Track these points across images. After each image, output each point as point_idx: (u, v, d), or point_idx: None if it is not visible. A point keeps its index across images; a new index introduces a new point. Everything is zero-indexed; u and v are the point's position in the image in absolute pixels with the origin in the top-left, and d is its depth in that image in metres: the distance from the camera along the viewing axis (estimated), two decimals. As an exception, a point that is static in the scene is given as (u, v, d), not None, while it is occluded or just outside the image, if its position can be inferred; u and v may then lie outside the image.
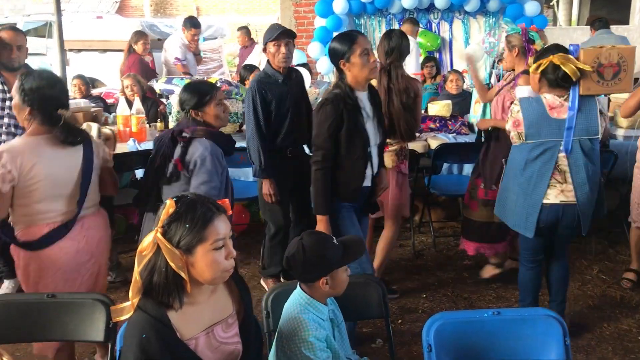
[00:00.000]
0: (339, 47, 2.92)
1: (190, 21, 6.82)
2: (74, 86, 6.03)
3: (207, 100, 2.96)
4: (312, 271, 2.08)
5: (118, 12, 16.73)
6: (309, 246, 2.09)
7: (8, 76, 3.71)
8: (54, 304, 2.12)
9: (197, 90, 3.00)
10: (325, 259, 2.08)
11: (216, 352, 1.80)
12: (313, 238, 2.14)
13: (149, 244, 1.69)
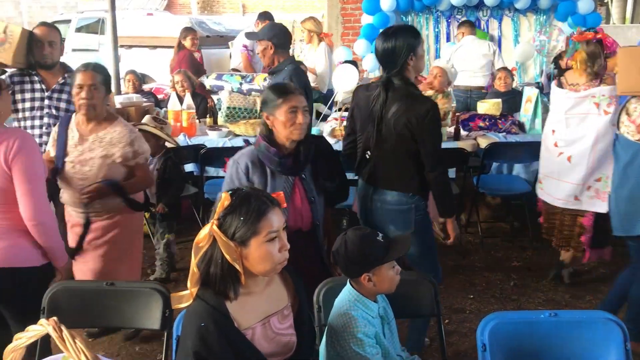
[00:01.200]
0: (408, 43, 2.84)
1: (264, 15, 6.83)
2: (128, 81, 6.17)
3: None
4: (354, 267, 2.09)
5: (166, 9, 17.05)
6: (351, 241, 2.10)
7: (45, 75, 3.67)
8: (113, 292, 2.18)
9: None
10: (365, 255, 2.08)
11: (272, 342, 1.82)
12: (357, 234, 2.14)
13: (205, 235, 1.73)
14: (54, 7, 19.15)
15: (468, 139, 4.71)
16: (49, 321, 1.26)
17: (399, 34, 2.86)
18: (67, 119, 3.10)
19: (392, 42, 2.83)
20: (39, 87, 3.64)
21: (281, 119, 2.55)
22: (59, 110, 3.65)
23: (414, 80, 2.91)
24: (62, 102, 3.68)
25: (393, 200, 2.91)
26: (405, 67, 2.83)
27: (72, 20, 10.59)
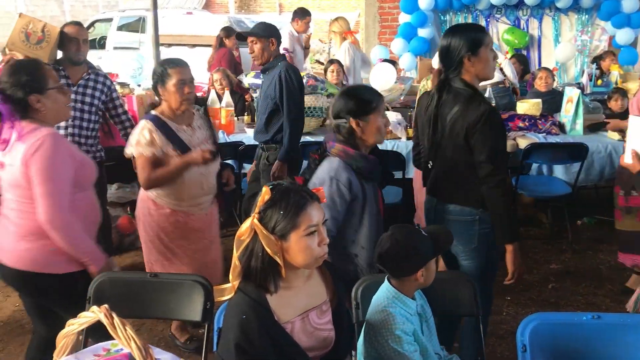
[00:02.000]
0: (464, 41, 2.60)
1: (301, 10, 6.83)
2: None
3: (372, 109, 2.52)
4: (410, 265, 2.08)
5: (204, 8, 17.26)
6: (402, 240, 2.09)
7: (71, 70, 3.83)
8: (157, 283, 2.23)
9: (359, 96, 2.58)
10: (419, 251, 2.08)
11: (311, 337, 1.84)
12: (404, 232, 2.13)
13: (246, 229, 1.76)
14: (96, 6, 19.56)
15: (507, 139, 4.65)
16: (100, 308, 1.30)
17: (458, 31, 2.64)
18: (155, 118, 2.96)
19: (448, 40, 2.62)
20: (65, 82, 3.77)
21: (376, 125, 2.51)
22: (84, 104, 3.83)
23: (474, 82, 2.63)
24: (87, 96, 3.85)
25: (455, 212, 2.69)
26: (462, 66, 2.59)
27: (114, 18, 10.80)
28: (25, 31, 3.78)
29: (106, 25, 11.04)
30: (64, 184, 2.33)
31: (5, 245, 2.38)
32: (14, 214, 2.38)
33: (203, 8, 17.10)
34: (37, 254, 2.35)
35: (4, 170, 2.36)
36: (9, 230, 2.38)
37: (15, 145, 2.32)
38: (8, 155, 2.35)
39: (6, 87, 2.32)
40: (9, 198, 2.39)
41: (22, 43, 3.79)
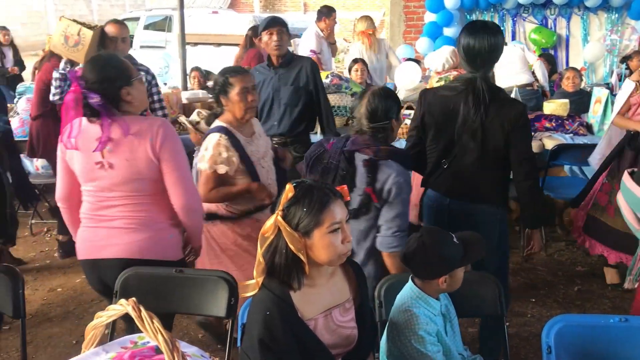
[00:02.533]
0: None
1: (326, 8, 6.72)
2: (193, 78, 6.34)
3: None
4: (433, 270, 2.07)
5: (230, 7, 17.37)
6: (430, 245, 2.07)
7: None
8: (182, 279, 2.25)
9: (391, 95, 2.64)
10: (446, 259, 2.06)
11: (334, 334, 1.85)
12: (434, 237, 2.11)
13: (270, 226, 1.77)
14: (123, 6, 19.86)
15: (534, 139, 4.60)
16: (128, 301, 1.33)
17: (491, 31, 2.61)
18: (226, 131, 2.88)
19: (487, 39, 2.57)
20: None
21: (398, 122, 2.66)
22: None
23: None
24: None
25: (477, 212, 2.70)
26: (489, 68, 2.63)
27: (141, 17, 10.94)
28: (64, 34, 3.90)
29: (133, 24, 11.16)
30: (189, 168, 2.45)
31: (113, 240, 2.37)
32: (120, 209, 2.36)
33: (228, 7, 17.22)
34: (154, 242, 2.39)
35: (112, 170, 2.33)
36: (113, 226, 2.37)
37: (126, 140, 2.31)
38: (116, 154, 2.32)
39: (97, 85, 2.30)
40: (115, 196, 2.36)
41: (62, 46, 3.93)
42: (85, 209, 2.44)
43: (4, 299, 2.25)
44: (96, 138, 2.31)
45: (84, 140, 2.34)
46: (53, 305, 3.87)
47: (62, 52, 3.98)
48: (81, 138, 2.34)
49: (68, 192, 2.47)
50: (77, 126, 2.34)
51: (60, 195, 2.49)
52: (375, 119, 2.54)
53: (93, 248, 2.41)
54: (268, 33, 3.87)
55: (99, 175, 2.34)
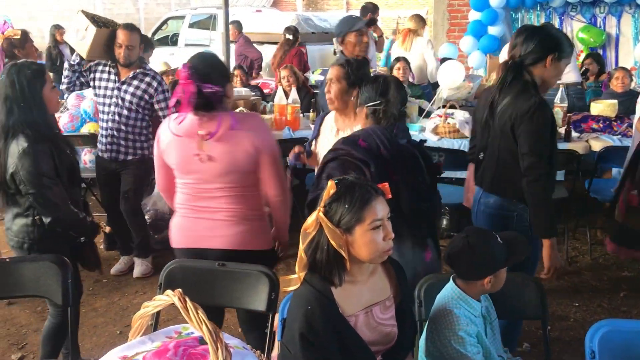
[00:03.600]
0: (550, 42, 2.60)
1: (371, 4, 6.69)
2: (236, 76, 6.42)
3: None
4: (479, 270, 2.06)
5: (273, 6, 17.49)
6: (476, 245, 2.06)
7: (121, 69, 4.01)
8: (224, 272, 2.29)
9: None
10: (492, 259, 2.04)
11: (374, 331, 1.86)
12: (480, 236, 2.09)
13: (312, 222, 1.79)
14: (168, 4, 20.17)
15: (579, 140, 4.50)
16: (174, 292, 1.36)
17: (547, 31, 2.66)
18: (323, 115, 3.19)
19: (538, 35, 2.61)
20: (113, 78, 4.02)
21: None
22: (124, 101, 4.00)
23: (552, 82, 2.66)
24: (128, 94, 4.00)
25: (495, 205, 2.71)
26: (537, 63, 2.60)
27: (186, 16, 11.12)
28: (76, 27, 4.01)
29: (178, 23, 11.37)
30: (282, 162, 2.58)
31: (216, 232, 2.48)
32: (220, 201, 2.46)
33: (271, 6, 17.34)
34: (252, 234, 2.52)
35: (212, 162, 2.41)
36: (215, 218, 2.47)
37: (227, 133, 2.39)
38: (218, 146, 2.39)
39: (211, 78, 2.39)
40: (214, 187, 2.45)
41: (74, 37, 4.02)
42: (182, 199, 2.54)
43: (54, 288, 2.34)
44: (196, 131, 2.39)
45: (182, 133, 2.43)
46: (98, 296, 3.98)
47: (72, 44, 4.10)
48: (179, 131, 2.44)
49: (166, 183, 2.60)
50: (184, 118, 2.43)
51: (160, 186, 2.67)
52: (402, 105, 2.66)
53: (196, 238, 2.51)
54: (358, 34, 3.71)
55: (198, 168, 2.43)
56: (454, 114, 4.56)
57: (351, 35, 3.70)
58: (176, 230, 2.59)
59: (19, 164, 2.55)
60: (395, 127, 2.58)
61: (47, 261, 2.36)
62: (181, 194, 2.54)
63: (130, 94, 4.00)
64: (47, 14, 16.41)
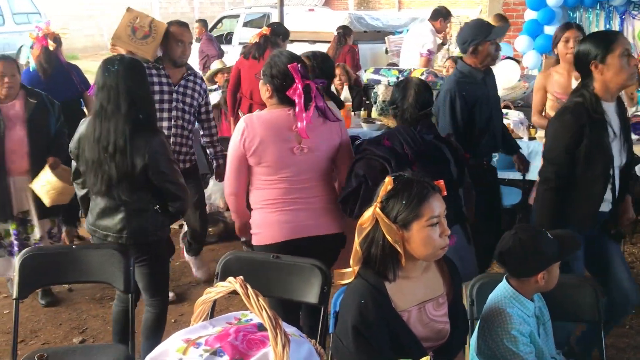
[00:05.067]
0: (592, 47, 2.53)
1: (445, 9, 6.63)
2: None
3: None
4: (530, 266, 2.06)
5: (325, 5, 17.58)
6: (526, 240, 2.06)
7: (171, 70, 3.71)
8: (279, 264, 2.35)
9: None
10: (543, 253, 2.04)
11: (426, 327, 1.88)
12: (529, 232, 2.11)
13: (368, 217, 1.82)
14: (222, 3, 20.56)
15: (639, 143, 4.37)
16: (236, 279, 1.42)
17: (588, 38, 2.67)
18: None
19: (580, 46, 2.61)
20: (166, 81, 3.68)
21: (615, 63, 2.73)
22: (184, 104, 3.72)
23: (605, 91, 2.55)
24: (187, 97, 3.74)
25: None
26: (591, 74, 2.55)
27: (241, 15, 11.31)
28: (132, 26, 3.67)
29: (233, 22, 11.57)
30: None
31: (318, 219, 2.62)
32: (314, 189, 2.62)
33: (324, 5, 17.43)
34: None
35: (309, 154, 2.56)
36: (314, 207, 2.62)
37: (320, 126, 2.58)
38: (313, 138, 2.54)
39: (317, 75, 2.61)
40: (309, 177, 2.60)
41: (128, 37, 3.67)
42: (275, 195, 2.60)
43: (116, 275, 2.45)
44: (289, 126, 2.52)
45: (275, 129, 2.53)
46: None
47: (127, 45, 3.68)
48: (270, 128, 2.53)
49: (238, 187, 2.66)
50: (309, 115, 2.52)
51: (233, 190, 2.66)
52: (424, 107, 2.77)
53: (298, 228, 2.60)
54: (493, 44, 3.41)
55: (296, 160, 2.56)
56: (508, 114, 4.50)
57: (486, 45, 3.38)
58: (273, 226, 2.61)
59: (149, 154, 2.58)
60: (419, 124, 2.73)
61: (111, 249, 2.48)
62: (274, 190, 2.59)
63: (190, 97, 3.76)
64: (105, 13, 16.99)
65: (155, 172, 2.62)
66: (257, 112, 2.64)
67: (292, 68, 2.48)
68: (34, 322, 3.61)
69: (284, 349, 1.30)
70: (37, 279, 2.50)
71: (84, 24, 17.41)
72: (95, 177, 2.64)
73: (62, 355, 2.31)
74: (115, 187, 2.62)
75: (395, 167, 2.56)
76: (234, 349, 1.39)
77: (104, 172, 2.61)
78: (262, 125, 2.53)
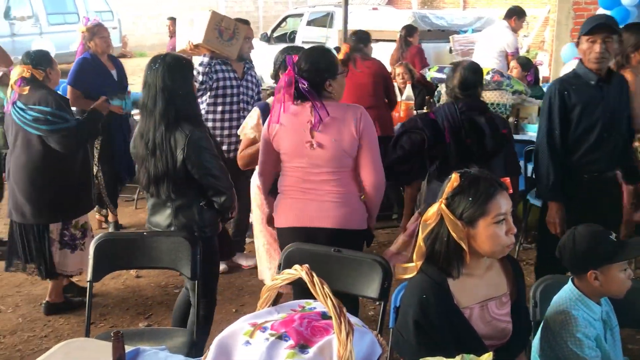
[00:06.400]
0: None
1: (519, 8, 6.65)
2: None
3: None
4: (579, 262, 2.04)
5: (388, 4, 17.50)
6: (580, 236, 2.05)
7: (234, 64, 4.09)
8: (339, 258, 2.37)
9: None
10: (594, 251, 2.01)
11: (488, 326, 1.86)
12: (587, 229, 2.08)
13: (433, 213, 1.83)
14: (286, 2, 20.78)
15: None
16: (302, 267, 1.46)
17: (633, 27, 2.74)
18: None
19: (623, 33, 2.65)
20: (234, 75, 4.06)
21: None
22: (248, 96, 4.10)
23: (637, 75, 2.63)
24: (250, 89, 4.12)
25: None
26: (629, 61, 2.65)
27: (304, 14, 11.41)
28: (218, 28, 3.87)
29: (296, 20, 11.69)
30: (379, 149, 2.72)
31: (324, 212, 2.65)
32: (328, 183, 2.64)
33: (387, 4, 17.35)
34: (354, 214, 2.69)
35: (321, 149, 2.60)
36: (324, 199, 2.65)
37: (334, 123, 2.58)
38: (324, 135, 2.58)
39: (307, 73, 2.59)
40: (323, 171, 2.64)
41: (216, 40, 3.88)
42: (290, 182, 2.71)
43: (184, 262, 2.54)
44: (306, 120, 2.59)
45: (294, 121, 2.62)
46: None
47: (215, 46, 3.91)
48: (291, 119, 2.63)
49: (269, 168, 2.81)
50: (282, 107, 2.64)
51: (261, 171, 2.86)
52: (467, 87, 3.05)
53: (305, 217, 2.68)
54: (589, 40, 2.93)
55: (309, 153, 2.61)
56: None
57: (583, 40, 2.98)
58: (284, 211, 2.74)
59: (189, 149, 2.62)
60: (460, 102, 3.05)
61: (180, 237, 2.57)
62: (289, 177, 2.71)
63: (251, 89, 4.14)
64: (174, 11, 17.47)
65: (195, 165, 2.65)
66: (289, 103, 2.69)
67: (288, 59, 2.61)
68: (103, 307, 3.78)
69: (347, 337, 1.33)
70: (110, 263, 2.61)
71: (152, 22, 18.00)
72: (142, 174, 2.75)
73: (131, 336, 2.41)
74: (158, 183, 2.69)
75: (430, 137, 3.02)
76: (299, 334, 1.43)
77: (147, 168, 2.70)
78: (284, 114, 2.64)
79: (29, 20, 12.77)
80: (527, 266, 4.11)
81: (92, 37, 4.58)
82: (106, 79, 4.64)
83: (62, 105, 3.45)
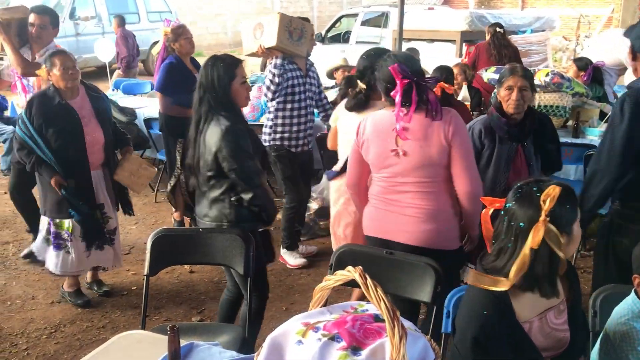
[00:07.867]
0: None
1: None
2: None
3: None
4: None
5: (444, 3, 17.28)
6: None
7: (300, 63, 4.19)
8: (392, 260, 2.36)
9: None
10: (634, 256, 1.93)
11: (547, 337, 1.81)
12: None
13: (538, 239, 1.73)
14: (340, 3, 20.81)
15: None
16: (355, 269, 1.45)
17: None
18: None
19: None
20: (299, 73, 4.16)
21: (502, 94, 3.04)
22: (311, 92, 4.23)
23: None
24: (313, 85, 4.24)
25: None
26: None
27: (359, 14, 11.39)
28: (288, 29, 4.00)
29: (351, 20, 11.68)
30: (474, 157, 2.61)
31: (401, 226, 2.57)
32: (412, 196, 2.54)
33: (443, 4, 17.14)
34: (438, 233, 2.55)
35: (406, 157, 2.50)
36: (404, 213, 2.56)
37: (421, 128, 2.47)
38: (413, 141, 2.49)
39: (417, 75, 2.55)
40: (408, 181, 2.54)
41: (288, 41, 4.01)
42: (376, 191, 2.67)
43: (237, 258, 2.58)
44: (391, 127, 2.53)
45: (380, 130, 2.58)
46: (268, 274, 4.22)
47: (288, 47, 4.02)
48: (377, 127, 2.59)
49: (357, 180, 2.78)
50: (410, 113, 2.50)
51: (350, 182, 2.82)
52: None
53: (383, 229, 2.64)
54: None
55: (394, 161, 2.54)
56: None
57: None
58: (368, 219, 2.73)
59: (222, 142, 2.65)
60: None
61: (233, 234, 2.61)
62: (376, 186, 2.67)
63: (314, 85, 4.27)
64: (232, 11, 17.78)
65: (225, 160, 2.68)
66: (375, 112, 2.68)
67: (392, 69, 2.48)
68: (157, 300, 3.87)
69: (400, 340, 1.32)
70: (165, 258, 2.68)
71: (210, 22, 18.35)
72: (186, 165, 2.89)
73: (185, 330, 2.46)
74: (196, 174, 2.80)
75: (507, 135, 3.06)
76: (351, 336, 1.42)
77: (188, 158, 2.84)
78: (371, 124, 2.61)
79: (92, 20, 13.23)
80: (585, 274, 3.98)
81: (177, 38, 4.64)
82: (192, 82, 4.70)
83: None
